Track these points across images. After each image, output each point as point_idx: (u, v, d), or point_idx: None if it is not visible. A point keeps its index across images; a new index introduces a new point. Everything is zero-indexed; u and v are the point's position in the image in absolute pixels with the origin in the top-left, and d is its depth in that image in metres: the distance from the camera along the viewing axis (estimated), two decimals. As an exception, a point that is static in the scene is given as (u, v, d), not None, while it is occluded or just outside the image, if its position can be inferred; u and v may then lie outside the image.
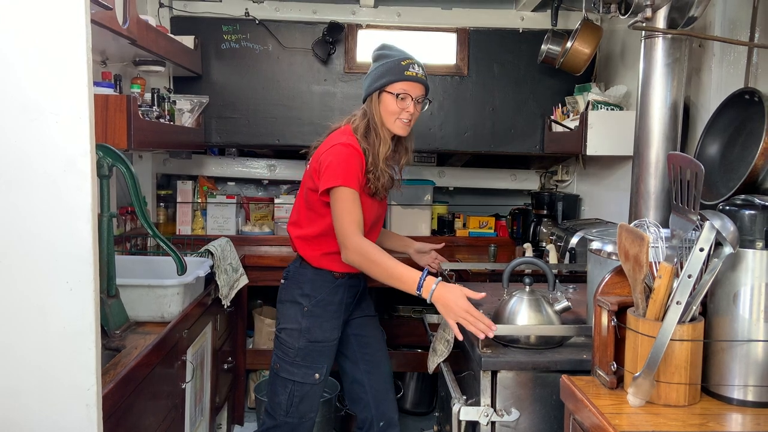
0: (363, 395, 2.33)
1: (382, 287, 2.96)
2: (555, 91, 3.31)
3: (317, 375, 2.16)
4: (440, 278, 1.84)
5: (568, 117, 3.06)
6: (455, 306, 1.72)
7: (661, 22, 1.84)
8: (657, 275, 1.29)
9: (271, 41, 3.32)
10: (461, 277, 2.55)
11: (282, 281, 2.28)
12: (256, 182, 3.80)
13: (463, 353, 1.86)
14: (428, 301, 1.81)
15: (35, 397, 1.23)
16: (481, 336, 1.64)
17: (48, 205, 1.19)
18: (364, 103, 2.18)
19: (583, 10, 2.79)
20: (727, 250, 1.25)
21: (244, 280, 2.79)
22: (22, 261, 1.20)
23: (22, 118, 1.17)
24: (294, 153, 3.41)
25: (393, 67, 2.09)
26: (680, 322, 1.25)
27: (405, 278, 1.87)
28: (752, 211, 1.29)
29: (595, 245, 1.72)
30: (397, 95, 2.08)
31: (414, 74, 2.09)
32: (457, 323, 1.73)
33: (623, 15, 1.87)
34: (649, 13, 1.79)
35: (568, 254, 2.51)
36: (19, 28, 1.16)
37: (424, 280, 1.82)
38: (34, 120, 1.17)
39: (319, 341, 2.16)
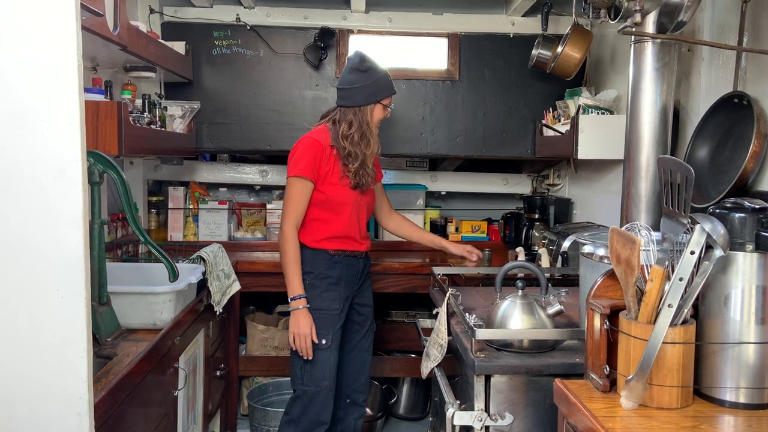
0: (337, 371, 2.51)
1: (377, 292, 2.98)
2: (546, 96, 3.32)
3: (324, 341, 2.37)
4: (307, 305, 2.34)
5: (559, 121, 3.07)
6: (297, 329, 2.32)
7: (650, 26, 1.86)
8: (648, 278, 1.29)
9: (262, 47, 3.32)
10: (454, 282, 2.55)
11: None
12: (248, 188, 3.79)
13: (456, 358, 1.85)
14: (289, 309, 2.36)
15: (26, 406, 1.21)
16: (305, 354, 2.33)
17: (38, 212, 1.18)
18: (350, 108, 2.41)
19: (573, 15, 2.81)
20: (718, 253, 1.26)
21: (236, 287, 2.77)
22: (11, 269, 1.19)
23: (12, 124, 1.17)
24: (286, 158, 3.39)
25: (387, 81, 2.42)
26: (672, 325, 1.26)
27: (291, 284, 2.35)
28: (742, 214, 1.30)
29: (587, 249, 1.73)
30: (385, 106, 2.43)
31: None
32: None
33: (613, 20, 1.88)
34: (638, 18, 1.80)
35: (560, 258, 2.51)
36: (8, 34, 1.15)
37: (298, 299, 2.33)
38: (23, 127, 1.17)
39: (319, 309, 2.39)
